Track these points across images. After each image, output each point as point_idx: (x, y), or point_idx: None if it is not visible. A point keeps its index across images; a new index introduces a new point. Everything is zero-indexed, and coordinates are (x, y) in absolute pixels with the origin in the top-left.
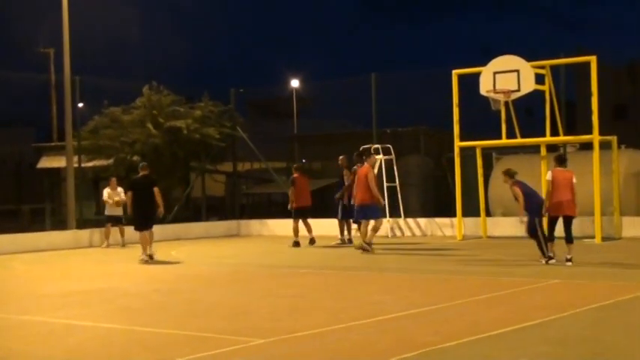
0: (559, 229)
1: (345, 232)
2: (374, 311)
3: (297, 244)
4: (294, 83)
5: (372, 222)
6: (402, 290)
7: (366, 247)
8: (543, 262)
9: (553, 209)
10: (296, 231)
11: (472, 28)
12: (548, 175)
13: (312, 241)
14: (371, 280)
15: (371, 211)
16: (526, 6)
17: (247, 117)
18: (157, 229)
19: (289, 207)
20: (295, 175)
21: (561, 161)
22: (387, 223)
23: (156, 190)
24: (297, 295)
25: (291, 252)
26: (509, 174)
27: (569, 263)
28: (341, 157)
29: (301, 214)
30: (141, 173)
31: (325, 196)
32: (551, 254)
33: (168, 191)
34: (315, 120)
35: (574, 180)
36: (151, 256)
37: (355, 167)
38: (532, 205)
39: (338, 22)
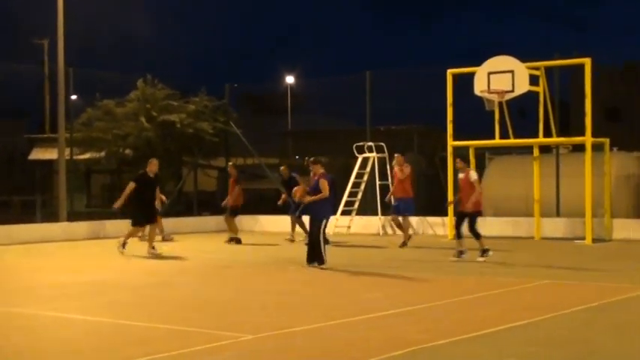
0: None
1: (291, 230)
2: (365, 309)
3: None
4: (289, 80)
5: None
6: (392, 288)
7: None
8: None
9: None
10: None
11: (469, 28)
12: (476, 175)
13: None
14: (362, 277)
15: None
16: (523, 6)
17: (241, 112)
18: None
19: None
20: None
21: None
22: (378, 221)
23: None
24: (288, 291)
25: (282, 248)
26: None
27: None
28: (282, 167)
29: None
30: (151, 169)
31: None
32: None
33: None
34: (309, 116)
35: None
36: (154, 248)
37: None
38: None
39: (335, 19)
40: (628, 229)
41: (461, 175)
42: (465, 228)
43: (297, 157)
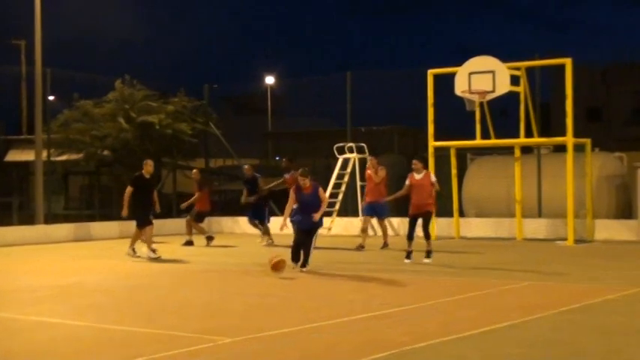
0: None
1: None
2: (345, 311)
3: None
4: (269, 80)
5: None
6: (373, 290)
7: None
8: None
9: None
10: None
11: (450, 28)
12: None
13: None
14: (342, 279)
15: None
16: (505, 5)
17: (221, 113)
18: (127, 226)
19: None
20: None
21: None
22: (359, 222)
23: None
24: (267, 293)
25: (262, 250)
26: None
27: (428, 260)
28: (246, 167)
29: None
30: (147, 170)
31: None
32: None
33: (157, 187)
34: (289, 117)
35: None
36: (134, 250)
37: (287, 174)
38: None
39: (315, 20)
40: (610, 230)
41: (418, 176)
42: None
43: (277, 157)
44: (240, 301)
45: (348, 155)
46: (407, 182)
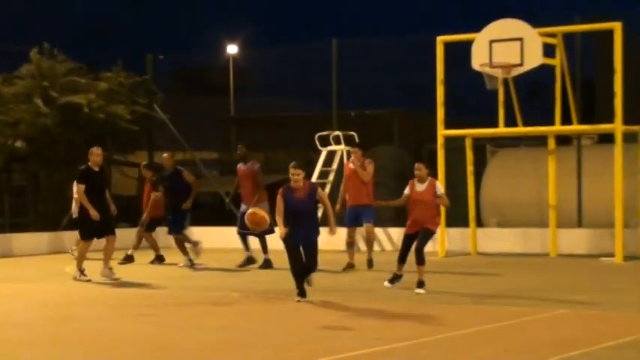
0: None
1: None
2: (328, 348)
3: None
4: (232, 50)
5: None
6: (365, 321)
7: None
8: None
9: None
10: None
11: None
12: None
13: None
14: (324, 306)
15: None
16: None
17: (169, 92)
18: (49, 238)
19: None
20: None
21: None
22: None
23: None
24: (230, 326)
25: (222, 271)
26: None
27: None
28: (165, 155)
29: None
30: (94, 160)
31: (271, 196)
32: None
33: (63, 188)
34: (257, 98)
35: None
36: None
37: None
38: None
39: None
40: None
41: (420, 187)
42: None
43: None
44: (195, 336)
45: (333, 147)
46: (405, 192)
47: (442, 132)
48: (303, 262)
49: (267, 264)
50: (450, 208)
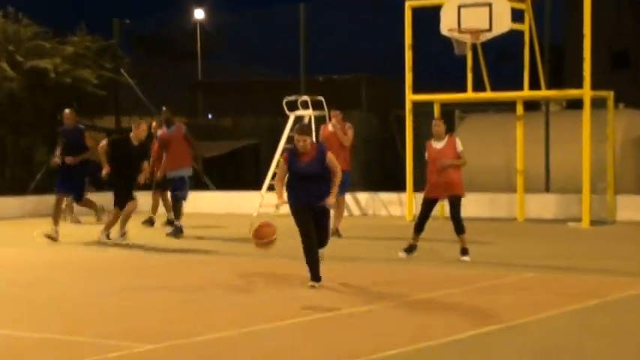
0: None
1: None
2: (298, 310)
3: None
4: (199, 14)
5: None
6: (333, 283)
7: None
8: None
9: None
10: None
11: None
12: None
13: None
14: (293, 269)
15: None
16: None
17: (135, 57)
18: (16, 203)
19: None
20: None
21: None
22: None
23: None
24: (199, 288)
25: (190, 234)
26: None
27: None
28: (67, 111)
29: None
30: (137, 135)
31: (239, 161)
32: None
33: (30, 153)
34: (224, 63)
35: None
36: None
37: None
38: None
39: None
40: (636, 209)
41: (438, 145)
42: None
43: (209, 115)
44: (163, 298)
45: (301, 112)
46: (427, 156)
47: (410, 97)
48: (313, 232)
49: (177, 231)
50: (417, 170)
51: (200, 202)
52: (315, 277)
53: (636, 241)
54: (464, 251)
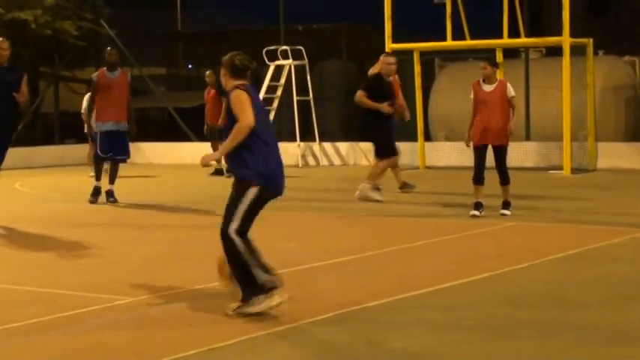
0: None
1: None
2: (278, 262)
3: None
4: None
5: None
6: (313, 235)
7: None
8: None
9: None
10: None
11: None
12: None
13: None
14: (273, 221)
15: None
16: None
17: (115, 7)
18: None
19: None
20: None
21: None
22: (297, 148)
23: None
24: (178, 239)
25: (168, 185)
26: None
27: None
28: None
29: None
30: (387, 70)
31: None
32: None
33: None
34: (205, 13)
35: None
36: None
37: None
38: None
39: None
40: (617, 156)
41: (488, 88)
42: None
43: (189, 65)
44: (142, 251)
45: (281, 62)
46: (470, 96)
47: (390, 45)
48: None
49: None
50: (402, 122)
51: (181, 152)
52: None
53: (617, 188)
54: (505, 204)
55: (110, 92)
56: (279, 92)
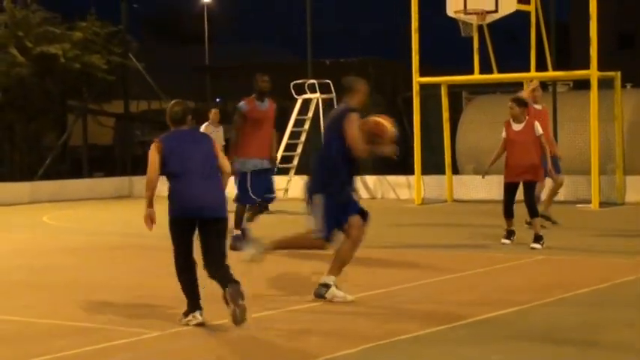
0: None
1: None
2: (302, 294)
3: None
4: None
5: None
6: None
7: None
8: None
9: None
10: None
11: None
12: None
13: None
14: (311, 257)
15: None
16: None
17: (144, 42)
18: (26, 188)
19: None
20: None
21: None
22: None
23: None
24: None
25: None
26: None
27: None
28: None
29: None
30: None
31: None
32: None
33: (39, 137)
34: (232, 46)
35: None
36: None
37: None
38: None
39: None
40: None
41: (517, 127)
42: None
43: (217, 99)
44: (172, 285)
45: (309, 95)
46: (502, 135)
47: (417, 79)
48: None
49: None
50: (426, 151)
51: None
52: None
53: None
54: (537, 238)
55: (258, 125)
56: (306, 126)
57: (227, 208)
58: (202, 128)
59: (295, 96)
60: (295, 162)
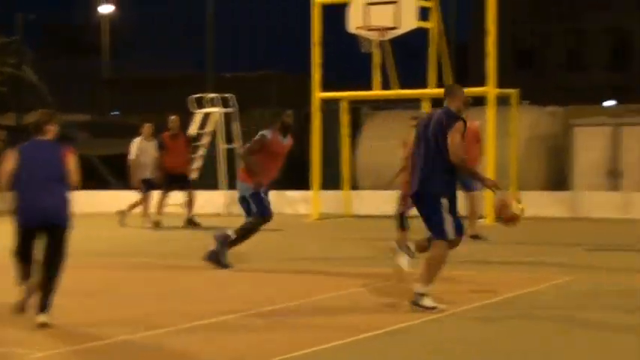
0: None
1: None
2: (221, 310)
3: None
4: (105, 9)
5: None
6: (232, 288)
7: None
8: None
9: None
10: None
11: None
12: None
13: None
14: (215, 272)
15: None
16: None
17: (39, 52)
18: None
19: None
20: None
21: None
22: (222, 197)
23: None
24: (110, 289)
25: (114, 236)
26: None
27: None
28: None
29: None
30: None
31: None
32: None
33: None
34: (132, 59)
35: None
36: None
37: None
38: None
39: None
40: (539, 204)
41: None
42: None
43: (115, 112)
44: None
45: (209, 109)
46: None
47: (318, 94)
48: None
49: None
50: (326, 167)
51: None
52: None
53: (539, 237)
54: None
55: (274, 158)
56: (205, 140)
57: (69, 218)
58: (135, 142)
59: (195, 110)
60: (195, 176)
